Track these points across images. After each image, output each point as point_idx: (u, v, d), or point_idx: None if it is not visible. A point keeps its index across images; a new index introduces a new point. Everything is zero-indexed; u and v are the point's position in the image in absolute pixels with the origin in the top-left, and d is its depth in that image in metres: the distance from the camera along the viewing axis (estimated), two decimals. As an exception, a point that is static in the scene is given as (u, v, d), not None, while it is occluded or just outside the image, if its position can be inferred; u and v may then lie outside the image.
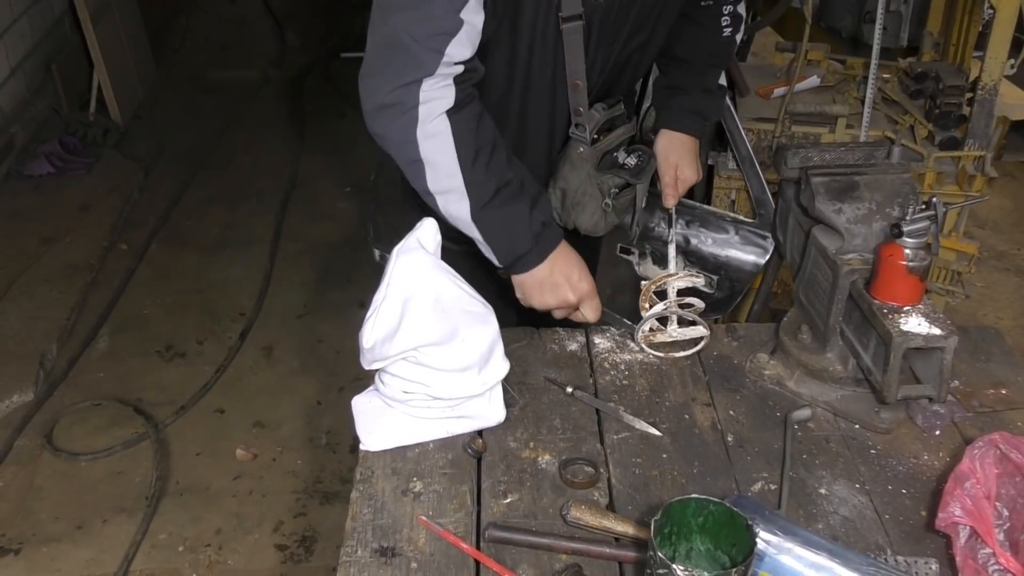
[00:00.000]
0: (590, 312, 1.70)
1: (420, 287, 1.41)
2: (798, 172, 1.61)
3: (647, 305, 1.70)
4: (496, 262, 1.64)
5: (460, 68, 1.50)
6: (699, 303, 1.71)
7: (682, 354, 1.71)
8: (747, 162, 2.62)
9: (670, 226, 1.96)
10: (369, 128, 1.55)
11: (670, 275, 1.72)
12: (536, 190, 1.64)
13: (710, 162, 3.01)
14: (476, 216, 1.57)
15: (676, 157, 1.94)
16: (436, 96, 1.49)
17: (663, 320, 1.72)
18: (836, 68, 3.26)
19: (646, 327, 1.70)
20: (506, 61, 1.63)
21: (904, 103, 3.08)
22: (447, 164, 1.53)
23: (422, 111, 1.49)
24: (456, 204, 1.56)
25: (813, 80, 3.15)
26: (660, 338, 1.71)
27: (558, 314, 1.70)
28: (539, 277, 1.64)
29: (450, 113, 1.51)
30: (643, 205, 1.90)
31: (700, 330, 1.70)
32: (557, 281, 1.64)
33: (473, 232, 1.60)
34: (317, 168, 4.85)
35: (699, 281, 1.72)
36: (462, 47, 1.48)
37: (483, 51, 1.57)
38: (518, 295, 1.68)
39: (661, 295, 1.72)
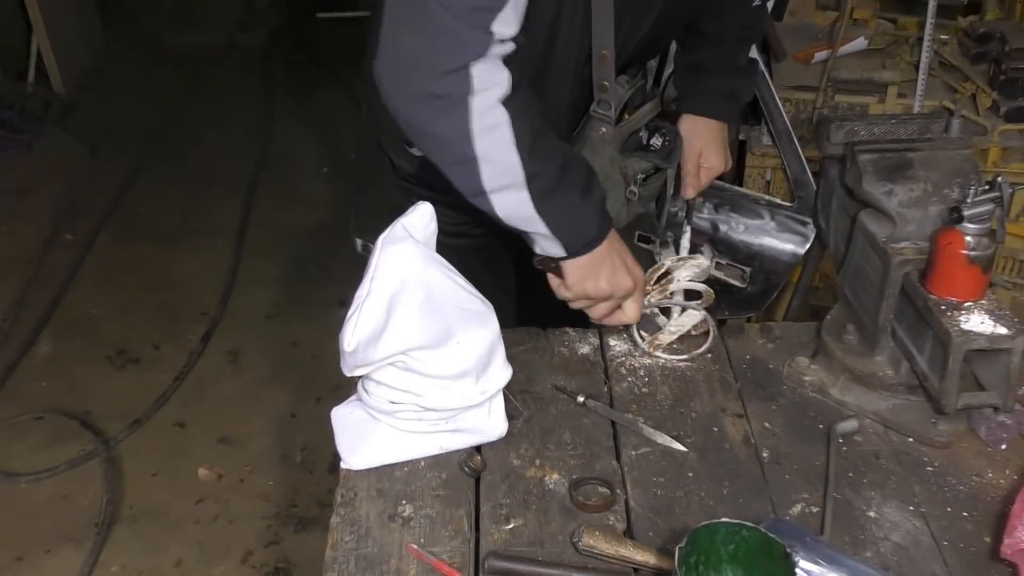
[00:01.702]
0: (633, 307, 1.66)
1: (409, 282, 1.42)
2: (843, 148, 1.61)
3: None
4: (562, 253, 1.60)
5: (511, 46, 1.46)
6: (704, 288, 1.70)
7: (698, 351, 1.71)
8: (784, 137, 2.62)
9: (686, 214, 1.96)
10: (402, 123, 1.50)
11: (660, 268, 1.71)
12: (584, 162, 1.62)
13: (742, 137, 3.01)
14: (541, 208, 1.53)
15: (701, 144, 1.94)
16: (492, 83, 1.44)
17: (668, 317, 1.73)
18: (886, 28, 3.26)
19: (643, 331, 1.70)
20: (527, 30, 1.62)
21: (964, 68, 3.08)
22: (507, 158, 1.49)
23: (476, 102, 1.44)
24: (512, 199, 1.52)
25: (860, 42, 3.15)
26: (662, 339, 1.72)
27: (599, 311, 1.66)
28: (597, 259, 1.60)
29: (506, 101, 1.46)
30: (672, 193, 1.90)
31: (693, 315, 1.70)
32: (615, 263, 1.61)
33: (537, 226, 1.56)
34: (290, 146, 4.85)
35: (702, 264, 1.71)
36: (508, 24, 1.43)
37: None
38: (570, 281, 1.62)
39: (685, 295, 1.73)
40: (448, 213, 1.61)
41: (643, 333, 1.72)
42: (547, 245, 1.59)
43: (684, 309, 1.72)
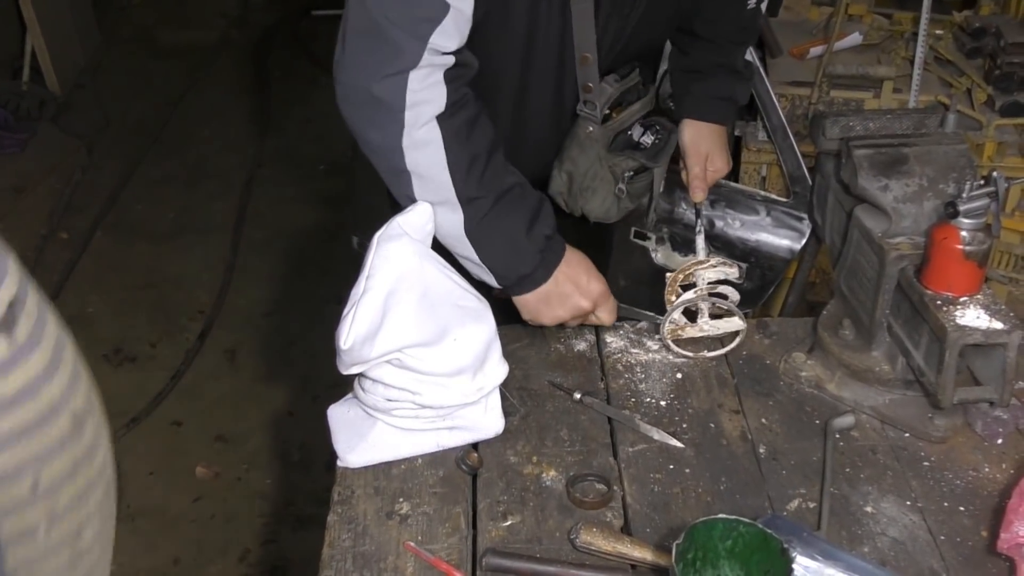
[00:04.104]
0: (606, 315, 1.71)
1: (405, 279, 1.42)
2: (838, 143, 1.61)
3: (673, 298, 1.71)
4: (495, 283, 1.64)
5: (450, 60, 1.50)
6: (734, 294, 1.71)
7: (714, 353, 1.71)
8: (780, 133, 2.62)
9: (697, 217, 1.97)
10: (347, 124, 1.56)
11: (700, 263, 1.72)
12: (537, 198, 1.65)
13: (737, 133, 3.01)
14: (471, 232, 1.58)
15: (707, 147, 1.96)
16: (425, 98, 1.49)
17: (691, 315, 1.72)
18: (881, 24, 3.26)
19: (676, 315, 1.70)
20: (502, 31, 1.63)
21: (960, 63, 3.08)
22: (437, 176, 1.54)
23: (408, 116, 1.49)
24: (447, 217, 1.56)
25: (855, 37, 3.15)
26: (690, 333, 1.72)
27: (572, 323, 1.72)
28: (545, 292, 1.65)
29: (441, 119, 1.51)
30: (660, 190, 1.90)
31: (736, 322, 1.71)
32: (565, 291, 1.65)
33: (466, 250, 1.60)
34: (286, 144, 4.85)
35: (733, 272, 1.72)
36: (447, 36, 1.48)
37: (474, 25, 1.56)
38: (525, 316, 1.69)
39: (688, 288, 1.72)
40: None
41: (674, 320, 1.71)
42: (478, 272, 1.63)
43: (720, 314, 1.71)
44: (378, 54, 1.48)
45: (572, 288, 1.66)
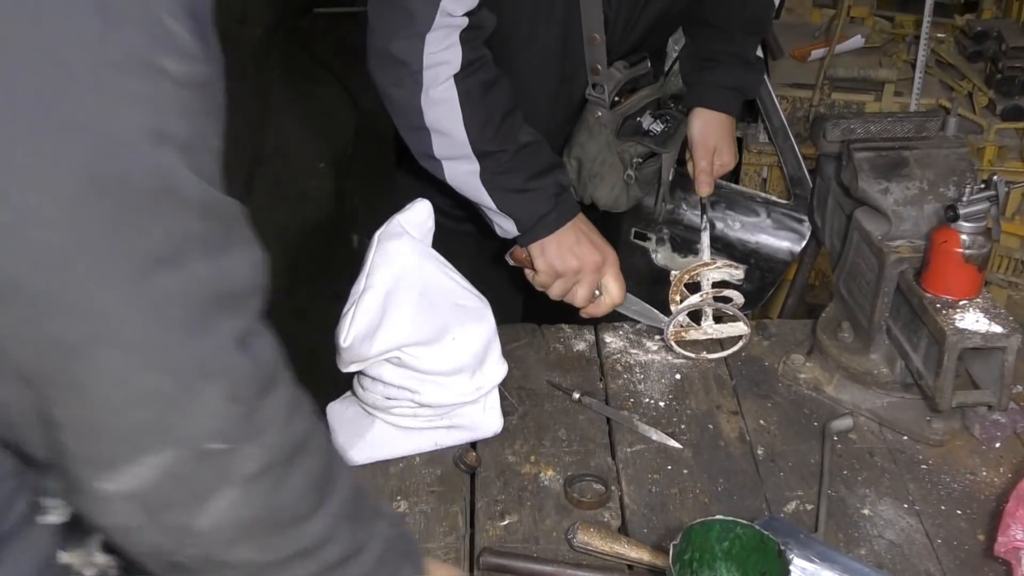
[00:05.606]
0: (615, 285, 1.70)
1: (405, 278, 1.42)
2: (839, 146, 1.62)
3: (677, 298, 1.71)
4: (514, 230, 1.66)
5: (464, 21, 1.54)
6: (739, 297, 1.71)
7: (715, 356, 1.71)
8: (781, 135, 2.63)
9: (702, 212, 1.96)
10: (375, 86, 1.62)
11: (706, 264, 1.72)
12: (553, 157, 1.69)
13: (739, 134, 3.01)
14: (487, 181, 1.61)
15: (715, 141, 1.95)
16: (442, 59, 1.54)
17: (694, 316, 1.72)
18: (883, 26, 3.26)
19: (681, 319, 1.70)
20: (508, 8, 1.64)
21: (961, 67, 3.08)
22: (456, 133, 1.58)
23: (427, 76, 1.54)
24: (463, 167, 1.61)
25: (856, 40, 3.15)
26: (693, 335, 1.72)
27: (580, 295, 1.70)
28: (559, 236, 1.67)
29: (458, 78, 1.55)
30: (670, 178, 1.91)
31: (741, 327, 1.71)
32: (580, 239, 1.67)
33: (483, 198, 1.63)
34: (286, 141, 4.85)
35: (738, 274, 1.72)
36: (458, 2, 1.52)
37: None
38: (539, 266, 1.68)
39: (692, 288, 1.72)
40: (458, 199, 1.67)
41: (679, 322, 1.71)
42: (501, 222, 1.67)
43: (723, 317, 1.72)
44: (394, 19, 1.54)
45: (587, 241, 1.67)
